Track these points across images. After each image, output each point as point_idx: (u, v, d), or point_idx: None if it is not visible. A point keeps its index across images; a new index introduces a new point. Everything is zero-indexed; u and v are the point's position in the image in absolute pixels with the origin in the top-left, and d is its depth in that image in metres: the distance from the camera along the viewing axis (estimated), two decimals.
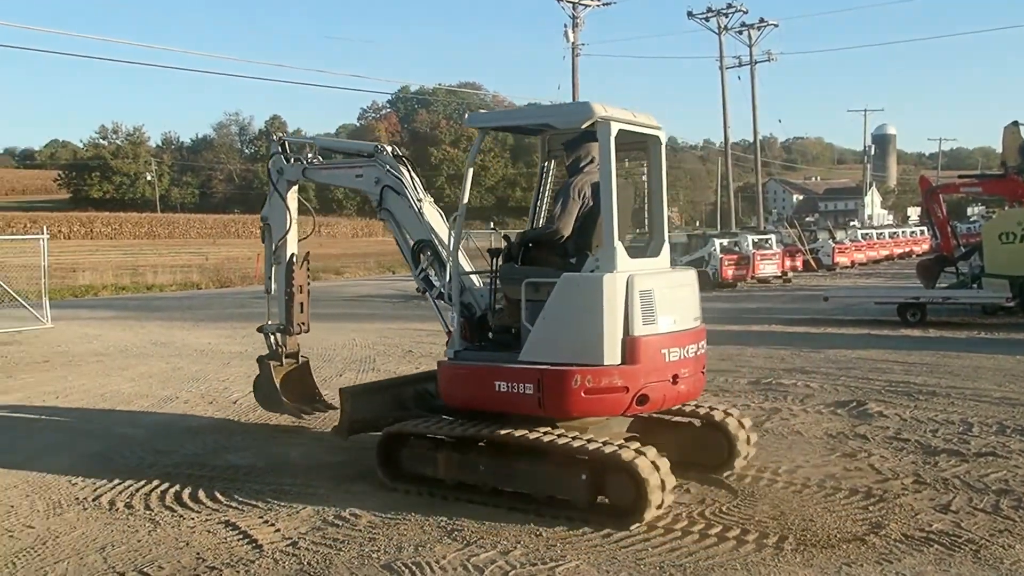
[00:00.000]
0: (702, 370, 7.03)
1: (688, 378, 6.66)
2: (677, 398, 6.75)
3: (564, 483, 6.27)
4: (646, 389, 6.34)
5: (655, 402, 6.50)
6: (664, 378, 6.46)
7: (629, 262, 6.48)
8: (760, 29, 48.13)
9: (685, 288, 6.93)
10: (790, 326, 18.25)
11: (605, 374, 6.24)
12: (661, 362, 6.43)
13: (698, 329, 6.93)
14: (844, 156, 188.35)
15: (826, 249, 39.81)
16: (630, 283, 6.29)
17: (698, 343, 6.85)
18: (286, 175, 8.99)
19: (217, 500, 6.91)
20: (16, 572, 5.52)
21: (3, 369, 14.37)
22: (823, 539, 5.77)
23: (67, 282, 34.39)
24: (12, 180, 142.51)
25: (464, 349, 7.09)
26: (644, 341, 6.30)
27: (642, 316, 6.30)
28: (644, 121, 6.95)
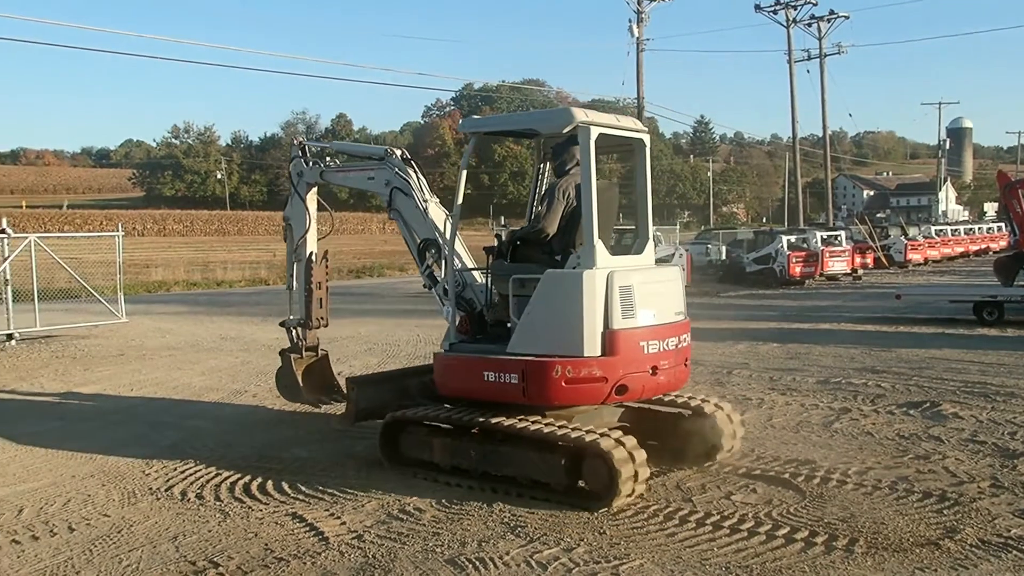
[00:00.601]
0: (684, 362, 7.25)
1: (668, 369, 6.94)
2: (657, 388, 7.02)
3: (546, 468, 6.59)
4: (625, 380, 6.64)
5: (634, 392, 6.78)
6: (643, 369, 6.74)
7: (610, 259, 6.81)
8: (830, 21, 47.02)
9: (667, 284, 7.20)
10: (860, 324, 17.87)
11: (585, 365, 6.56)
12: (640, 354, 6.71)
13: (680, 323, 7.18)
14: (917, 151, 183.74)
15: (898, 246, 38.88)
16: (610, 279, 6.62)
17: (679, 336, 7.10)
18: (305, 177, 9.32)
19: (284, 492, 7.02)
20: (93, 559, 5.69)
21: (81, 362, 14.82)
22: (895, 543, 5.63)
23: (141, 278, 35.31)
24: (89, 179, 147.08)
25: (459, 342, 7.47)
26: (623, 334, 6.61)
27: (621, 310, 6.62)
28: (628, 125, 7.30)
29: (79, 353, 15.89)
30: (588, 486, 6.51)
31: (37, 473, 7.81)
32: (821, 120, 48.56)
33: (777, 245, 30.10)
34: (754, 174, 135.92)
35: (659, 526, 6.03)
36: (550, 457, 6.56)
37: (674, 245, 29.20)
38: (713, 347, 14.91)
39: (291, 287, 9.57)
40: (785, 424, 9.09)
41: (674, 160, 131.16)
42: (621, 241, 13.01)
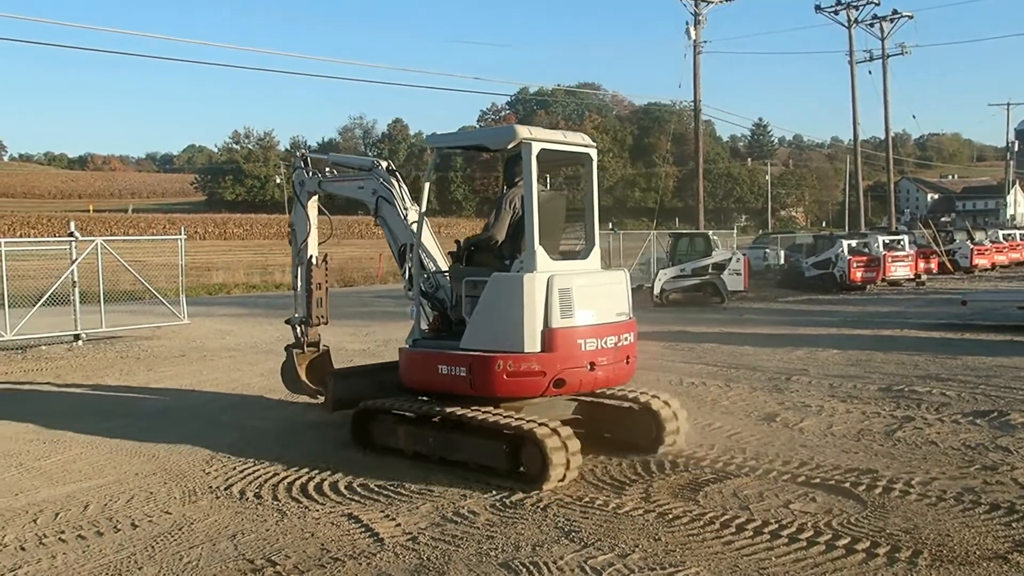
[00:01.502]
0: (626, 359, 7.78)
1: (607, 366, 7.51)
2: (595, 383, 7.61)
3: (491, 453, 7.26)
4: (562, 374, 7.26)
5: (572, 386, 7.40)
6: (580, 365, 7.33)
7: (551, 264, 7.43)
8: (893, 21, 46.15)
9: (610, 287, 7.82)
10: (924, 331, 17.48)
11: (524, 360, 7.20)
12: (577, 351, 7.31)
13: (621, 323, 7.74)
14: (984, 153, 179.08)
15: (963, 251, 37.97)
16: (550, 282, 7.23)
17: (620, 335, 7.66)
18: (306, 187, 10.13)
19: (340, 493, 7.09)
20: (155, 555, 5.80)
21: (145, 362, 15.15)
22: (961, 555, 5.47)
23: (202, 280, 36.02)
24: (153, 183, 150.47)
25: (422, 338, 8.17)
26: (561, 332, 7.21)
27: (560, 311, 7.22)
28: (575, 141, 7.94)
29: (143, 353, 16.25)
30: (526, 470, 7.06)
31: (102, 470, 8.00)
32: (883, 122, 47.81)
33: (837, 250, 29.61)
34: (813, 177, 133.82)
35: (715, 534, 5.96)
36: (495, 444, 7.21)
37: (731, 249, 28.89)
38: (771, 353, 14.72)
39: (296, 288, 10.38)
40: (846, 432, 8.92)
41: (731, 163, 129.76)
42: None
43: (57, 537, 6.18)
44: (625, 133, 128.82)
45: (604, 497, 6.81)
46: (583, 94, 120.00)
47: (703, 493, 6.90)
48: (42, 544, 6.05)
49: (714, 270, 26.02)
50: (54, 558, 5.78)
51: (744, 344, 15.94)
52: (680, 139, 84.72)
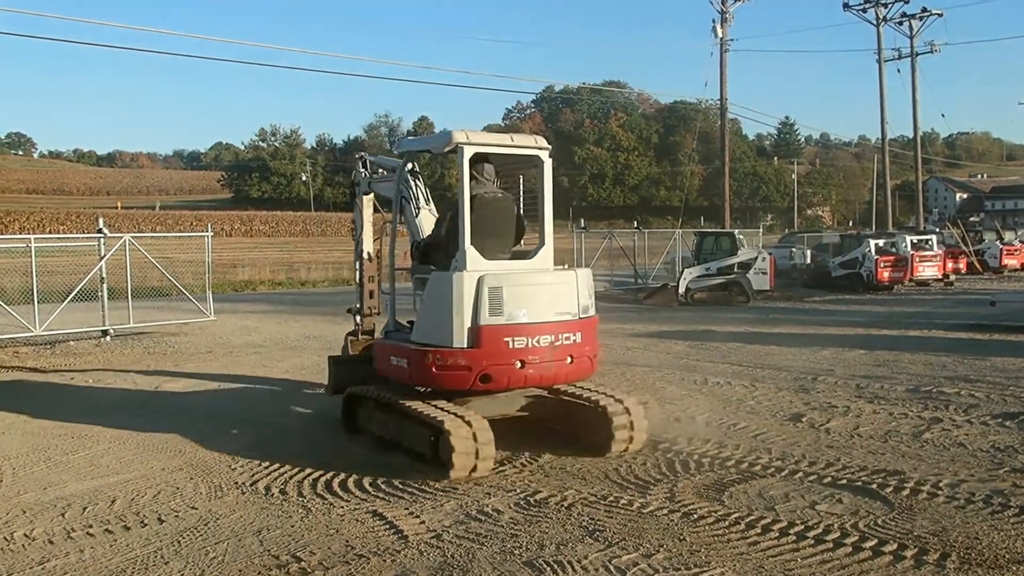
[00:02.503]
0: (569, 358, 7.84)
1: (540, 364, 7.66)
2: (525, 381, 7.77)
3: (421, 441, 7.65)
4: (488, 370, 7.52)
5: (498, 382, 7.63)
6: (507, 362, 7.54)
7: (484, 263, 7.66)
8: (922, 19, 45.67)
9: (555, 287, 7.90)
10: (952, 331, 17.29)
11: (451, 355, 7.54)
12: (504, 348, 7.51)
13: (563, 322, 7.80)
14: (1014, 152, 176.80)
15: (993, 251, 37.57)
16: (480, 281, 7.46)
17: (558, 334, 7.74)
18: (360, 186, 10.60)
19: (365, 490, 7.11)
20: (181, 550, 5.85)
21: (171, 358, 15.28)
22: (990, 559, 5.41)
23: (228, 277, 36.27)
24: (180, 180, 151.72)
25: (393, 330, 8.56)
26: (487, 330, 7.45)
27: (488, 309, 7.46)
28: (524, 143, 8.20)
29: (169, 349, 16.38)
30: (441, 457, 7.34)
31: (129, 465, 8.08)
32: (912, 121, 47.32)
33: (864, 249, 29.38)
34: (840, 176, 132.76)
35: (741, 534, 5.92)
36: (423, 432, 7.60)
37: (757, 249, 28.74)
38: (797, 352, 14.62)
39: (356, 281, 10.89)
40: (872, 433, 8.84)
41: (757, 162, 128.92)
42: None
43: (85, 531, 6.25)
44: (651, 131, 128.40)
45: (629, 496, 6.79)
46: (609, 92, 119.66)
47: (728, 493, 6.86)
48: (70, 538, 6.12)
49: (739, 269, 25.90)
50: (82, 552, 5.84)
51: (770, 344, 15.84)
52: (706, 138, 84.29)
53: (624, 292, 29.53)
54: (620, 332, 18.21)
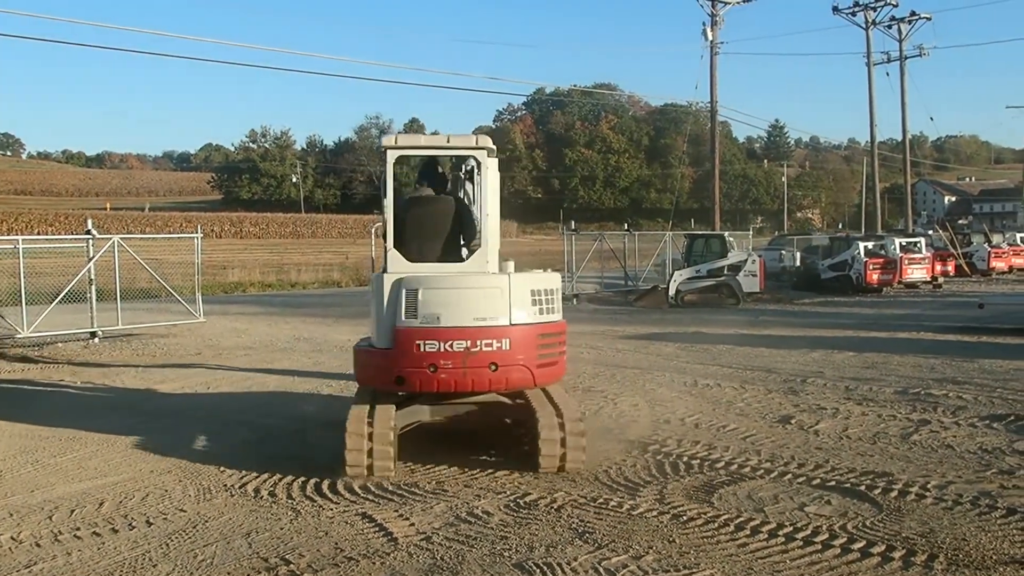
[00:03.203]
0: (491, 365, 7.51)
1: (453, 370, 7.48)
2: (438, 386, 7.59)
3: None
4: (401, 372, 7.56)
5: (411, 385, 7.61)
6: (419, 366, 7.48)
7: (407, 266, 7.76)
8: (911, 23, 45.89)
9: (479, 291, 7.63)
10: (941, 334, 17.36)
11: (374, 355, 7.78)
12: (416, 351, 7.47)
13: (482, 328, 7.52)
14: (1002, 155, 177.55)
15: (981, 253, 37.77)
16: (399, 283, 7.56)
17: (475, 340, 7.48)
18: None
19: (354, 492, 7.10)
20: (169, 553, 5.82)
21: (160, 360, 15.23)
22: (977, 560, 5.43)
23: (218, 279, 36.21)
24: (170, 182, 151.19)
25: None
26: (402, 331, 7.50)
27: (404, 311, 7.50)
28: (460, 144, 8.13)
29: (158, 351, 16.34)
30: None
31: (117, 468, 8.04)
32: (901, 124, 47.51)
33: (854, 252, 29.51)
34: (830, 179, 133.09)
35: (730, 536, 5.93)
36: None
37: (747, 251, 28.84)
38: (787, 354, 14.66)
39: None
40: (861, 435, 8.86)
41: (747, 165, 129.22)
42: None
43: (72, 534, 6.22)
44: (641, 134, 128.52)
45: (618, 498, 6.80)
46: (599, 95, 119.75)
47: (718, 495, 6.88)
48: (57, 541, 6.09)
49: (729, 271, 25.98)
50: (69, 555, 5.81)
51: (759, 346, 15.87)
52: (696, 140, 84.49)
53: (615, 294, 29.58)
54: (611, 334, 18.24)
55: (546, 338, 7.81)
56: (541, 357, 7.74)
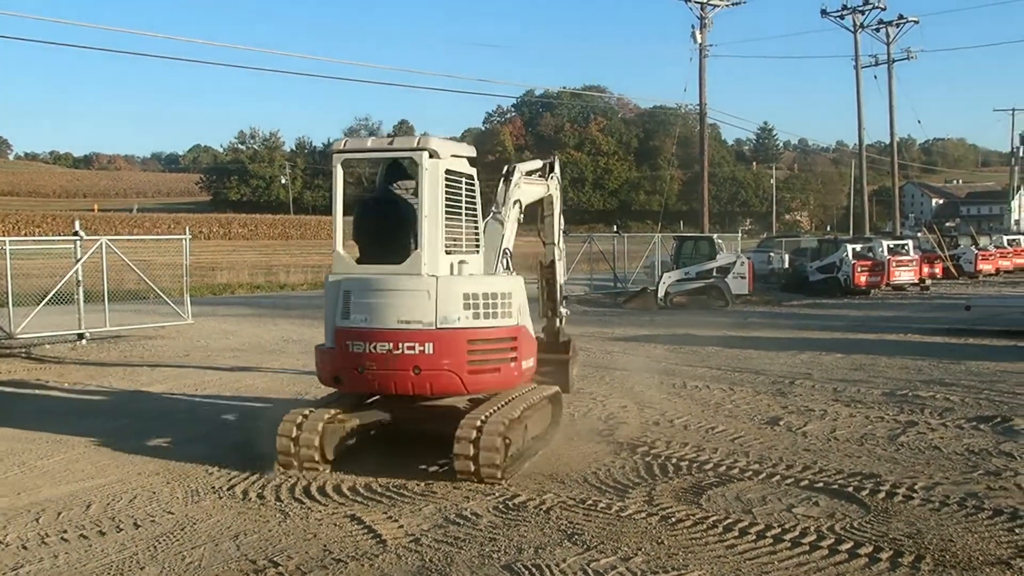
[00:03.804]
0: (414, 369, 7.45)
1: (378, 372, 7.53)
2: (366, 386, 7.81)
3: None
4: (337, 372, 7.79)
5: (345, 385, 7.87)
6: (350, 366, 7.64)
7: (349, 266, 7.93)
8: (899, 26, 46.16)
9: (406, 293, 7.56)
10: (928, 336, 17.45)
11: (323, 355, 7.95)
12: (347, 352, 7.64)
13: (407, 331, 7.45)
14: (989, 158, 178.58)
15: (968, 256, 37.99)
16: (337, 285, 7.79)
17: (398, 343, 7.45)
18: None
19: (343, 494, 7.09)
20: (157, 555, 5.80)
21: (148, 362, 15.16)
22: (963, 561, 5.46)
23: (206, 280, 36.04)
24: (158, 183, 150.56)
25: None
26: (339, 331, 7.70)
27: (341, 312, 7.69)
28: (401, 145, 8.07)
29: (146, 353, 16.27)
30: None
31: (105, 470, 8.01)
32: (888, 127, 47.74)
33: (842, 254, 29.64)
34: (818, 181, 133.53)
35: (718, 537, 5.95)
36: None
37: (735, 253, 28.92)
38: (775, 356, 14.71)
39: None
40: (849, 436, 8.90)
41: (736, 167, 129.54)
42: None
43: (59, 536, 6.19)
44: (630, 136, 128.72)
45: (607, 500, 6.81)
46: (589, 97, 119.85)
47: (706, 496, 6.89)
48: (44, 543, 6.06)
49: (718, 273, 26.06)
50: (56, 557, 5.78)
51: (748, 348, 15.91)
52: (685, 142, 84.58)
53: (604, 296, 29.61)
54: (600, 336, 18.26)
55: (482, 343, 7.60)
56: (473, 364, 7.55)
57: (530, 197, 9.98)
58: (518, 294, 8.01)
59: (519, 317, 7.96)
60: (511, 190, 9.16)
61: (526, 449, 7.96)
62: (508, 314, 7.81)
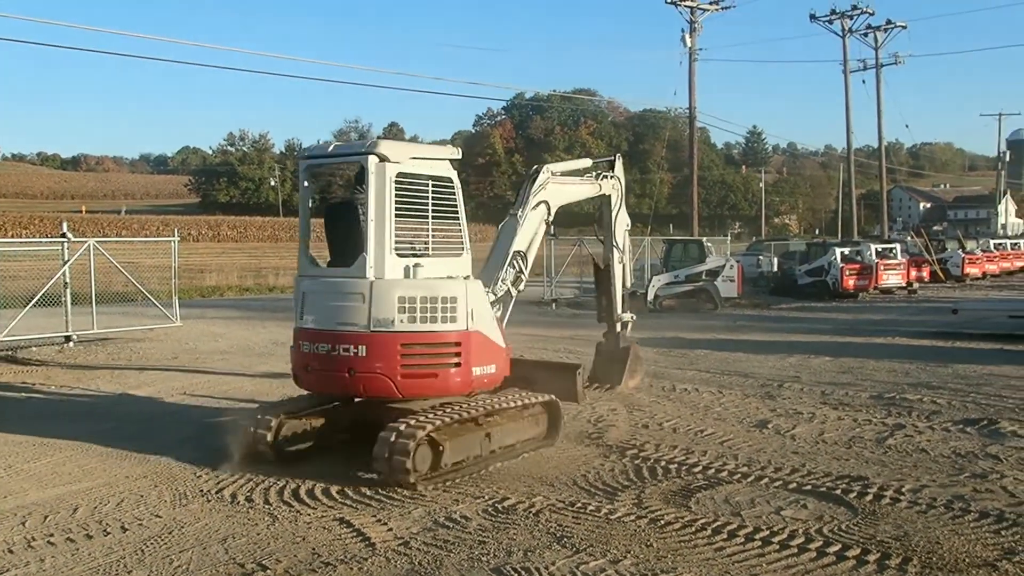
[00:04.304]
0: (348, 371, 7.58)
1: (319, 372, 7.80)
2: (310, 386, 8.13)
3: None
4: (296, 371, 8.12)
5: (302, 383, 8.15)
6: (301, 365, 7.98)
7: (308, 268, 8.22)
8: (887, 31, 46.37)
9: (346, 295, 7.67)
10: (916, 339, 17.52)
11: (292, 354, 8.23)
12: (299, 351, 8.01)
13: (344, 332, 7.59)
14: (976, 163, 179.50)
15: (955, 259, 38.16)
16: (297, 286, 8.19)
17: (336, 345, 7.61)
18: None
19: (332, 497, 7.07)
20: (144, 559, 5.78)
21: (136, 365, 15.10)
22: (950, 563, 5.49)
23: (195, 282, 35.91)
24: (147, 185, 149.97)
25: None
26: (294, 332, 8.07)
27: (298, 313, 8.01)
28: (350, 151, 8.36)
29: (134, 355, 16.20)
30: None
31: (92, 473, 7.97)
32: (877, 131, 47.91)
33: (830, 257, 29.73)
34: (807, 185, 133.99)
35: (707, 540, 5.96)
36: None
37: (725, 256, 28.99)
38: (764, 359, 14.74)
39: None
40: (837, 439, 8.94)
41: (725, 170, 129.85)
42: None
43: (46, 540, 6.16)
44: (620, 139, 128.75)
45: (596, 503, 6.81)
46: (579, 100, 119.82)
47: (695, 499, 6.91)
48: (30, 547, 6.02)
49: (708, 277, 26.10)
50: (42, 561, 5.75)
51: (737, 351, 15.95)
52: (675, 146, 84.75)
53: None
54: (589, 339, 18.23)
55: (417, 347, 7.57)
56: (408, 368, 7.52)
57: (565, 198, 9.88)
58: (470, 299, 7.83)
59: (469, 322, 7.78)
60: (534, 190, 9.12)
61: (496, 457, 7.89)
62: (451, 319, 7.67)
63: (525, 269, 9.01)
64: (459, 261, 8.12)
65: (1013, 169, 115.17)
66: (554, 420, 8.67)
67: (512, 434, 8.15)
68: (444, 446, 7.32)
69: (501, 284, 8.95)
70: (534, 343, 16.89)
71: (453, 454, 7.43)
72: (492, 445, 7.88)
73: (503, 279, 8.96)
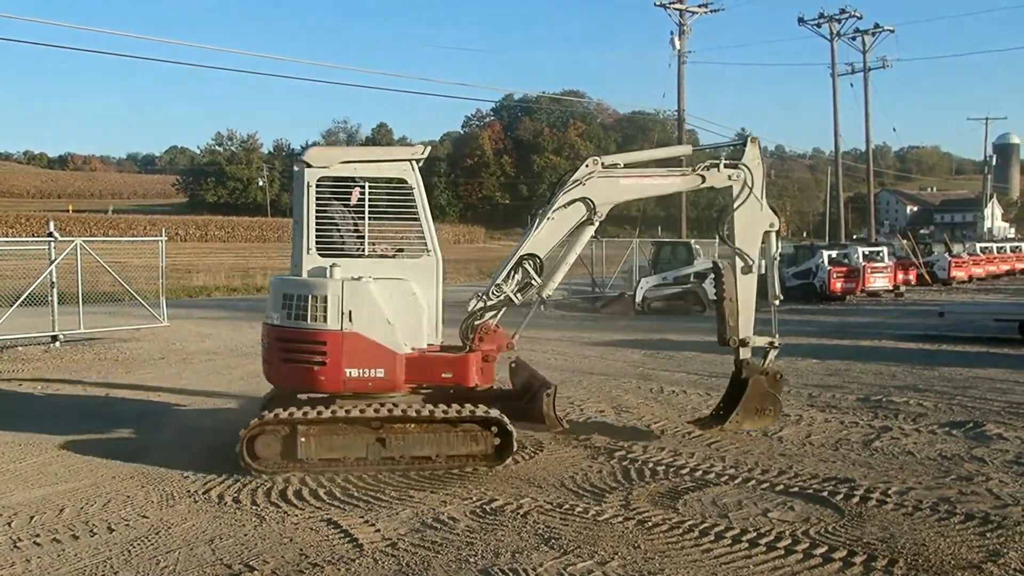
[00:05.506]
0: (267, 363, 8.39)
1: (265, 363, 8.46)
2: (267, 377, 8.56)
3: None
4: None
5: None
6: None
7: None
8: (875, 35, 46.63)
9: (274, 293, 8.33)
10: (902, 342, 17.61)
11: None
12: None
13: (267, 327, 8.30)
14: (963, 166, 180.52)
15: (942, 263, 38.35)
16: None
17: (264, 338, 8.37)
18: None
19: (320, 498, 7.06)
20: (131, 560, 5.76)
21: (123, 364, 15.04)
22: (936, 565, 5.52)
23: (183, 283, 35.79)
24: (134, 184, 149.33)
25: None
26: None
27: None
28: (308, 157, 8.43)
29: (121, 355, 16.13)
30: None
31: (78, 473, 7.93)
32: (864, 134, 48.14)
33: (818, 260, 29.84)
34: (795, 188, 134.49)
35: (694, 542, 5.98)
36: None
37: (713, 258, 29.05)
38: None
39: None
40: (824, 441, 8.97)
41: None
42: None
43: (32, 540, 6.12)
44: (609, 141, 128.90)
45: (584, 504, 6.82)
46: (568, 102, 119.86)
47: (682, 501, 6.93)
48: (16, 548, 5.99)
49: (696, 279, 26.16)
50: (28, 562, 5.72)
51: (724, 353, 15.92)
52: None
53: (582, 300, 29.65)
54: (577, 340, 18.29)
55: (290, 344, 8.06)
56: (285, 361, 8.14)
57: (627, 194, 9.27)
58: (349, 300, 7.79)
59: (344, 323, 7.79)
60: (568, 186, 8.64)
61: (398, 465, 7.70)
62: (320, 317, 7.82)
63: (537, 275, 8.44)
64: (419, 263, 8.12)
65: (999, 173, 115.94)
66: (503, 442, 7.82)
67: (429, 446, 7.76)
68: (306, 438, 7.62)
69: (497, 290, 8.48)
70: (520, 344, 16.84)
71: (320, 449, 7.66)
72: (389, 452, 7.68)
73: (501, 284, 8.49)
